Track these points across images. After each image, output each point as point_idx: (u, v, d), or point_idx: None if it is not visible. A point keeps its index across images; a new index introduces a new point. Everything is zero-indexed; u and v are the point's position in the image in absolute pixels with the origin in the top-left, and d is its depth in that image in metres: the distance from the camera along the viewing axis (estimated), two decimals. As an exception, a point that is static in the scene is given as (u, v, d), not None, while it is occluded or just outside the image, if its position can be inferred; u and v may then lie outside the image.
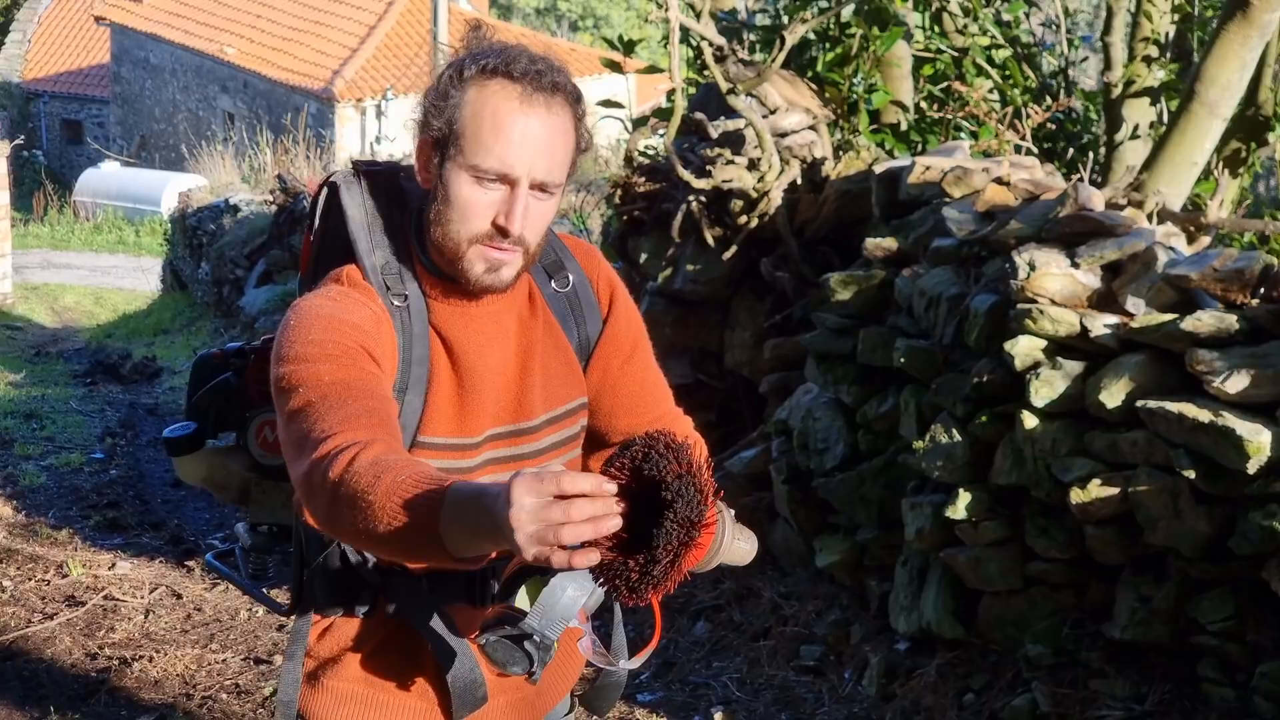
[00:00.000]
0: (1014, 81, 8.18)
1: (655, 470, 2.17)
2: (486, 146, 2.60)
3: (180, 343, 18.23)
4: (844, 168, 7.22)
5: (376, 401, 2.52)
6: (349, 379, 2.52)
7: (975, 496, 5.65)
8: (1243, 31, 6.65)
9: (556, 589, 2.39)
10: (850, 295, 6.52)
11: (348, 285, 2.71)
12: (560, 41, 39.69)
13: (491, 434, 2.79)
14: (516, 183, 2.61)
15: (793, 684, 6.17)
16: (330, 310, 2.63)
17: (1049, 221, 5.68)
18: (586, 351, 2.92)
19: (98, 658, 6.72)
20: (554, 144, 2.64)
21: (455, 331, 2.75)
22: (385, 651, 2.86)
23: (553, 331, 2.86)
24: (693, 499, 2.15)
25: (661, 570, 2.15)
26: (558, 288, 2.89)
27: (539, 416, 2.83)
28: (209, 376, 3.16)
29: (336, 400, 2.48)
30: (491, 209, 2.63)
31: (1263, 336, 4.96)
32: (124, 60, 40.28)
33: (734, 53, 7.52)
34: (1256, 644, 4.94)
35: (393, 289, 2.72)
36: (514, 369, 2.80)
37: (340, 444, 2.38)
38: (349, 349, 2.57)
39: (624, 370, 2.94)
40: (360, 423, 2.44)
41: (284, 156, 22.56)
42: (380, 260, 2.74)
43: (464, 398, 2.75)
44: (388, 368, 2.65)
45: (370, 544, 2.38)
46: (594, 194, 12.46)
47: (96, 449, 11.04)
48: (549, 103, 2.63)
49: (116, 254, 30.30)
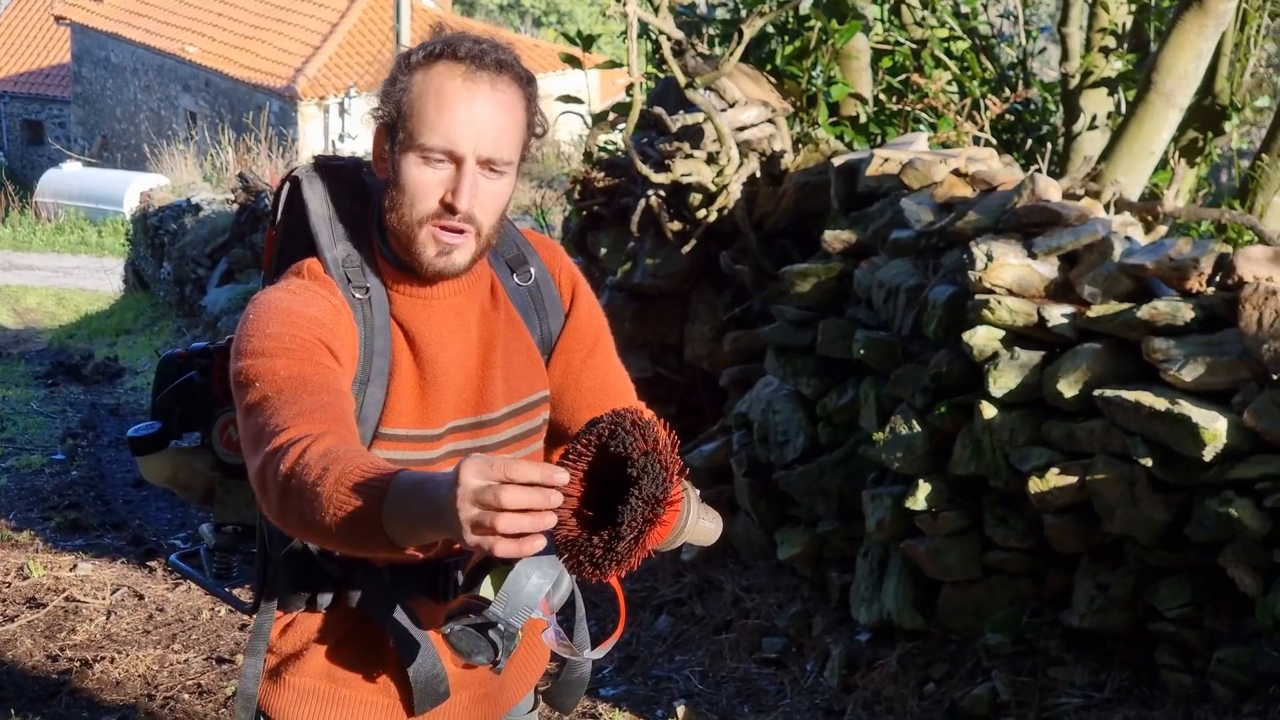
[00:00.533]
0: (972, 73, 8.20)
1: (621, 447, 2.17)
2: (431, 125, 2.61)
3: (142, 343, 18.14)
4: (803, 160, 7.23)
5: (331, 396, 2.52)
6: (305, 374, 2.52)
7: (934, 487, 5.67)
8: (1199, 21, 6.68)
9: (520, 577, 2.39)
10: (809, 287, 6.52)
11: (308, 278, 2.71)
12: (524, 37, 39.62)
13: (453, 426, 2.78)
14: (463, 159, 2.61)
15: (755, 676, 6.18)
16: (289, 303, 2.63)
17: (1006, 212, 5.70)
18: (549, 346, 2.91)
19: (59, 659, 6.68)
20: (500, 120, 2.64)
21: (417, 323, 2.74)
22: (347, 646, 2.85)
23: (515, 324, 2.86)
24: (658, 476, 2.15)
25: (626, 546, 2.15)
26: (520, 281, 2.89)
27: (500, 409, 2.83)
28: (173, 376, 3.15)
29: (292, 395, 2.48)
30: (440, 187, 2.63)
31: (1218, 325, 4.98)
32: (85, 60, 40.07)
33: (693, 47, 7.51)
34: (1213, 630, 4.96)
35: (354, 281, 2.72)
36: (475, 361, 2.80)
37: (293, 437, 2.38)
38: (306, 343, 2.57)
39: (586, 364, 2.94)
40: (314, 417, 2.44)
41: (246, 155, 22.48)
42: (341, 253, 2.74)
43: (425, 389, 2.75)
44: (346, 361, 2.64)
45: (319, 536, 2.36)
46: (556, 189, 12.46)
47: (58, 450, 10.98)
48: (494, 80, 2.64)
49: (79, 255, 30.12)
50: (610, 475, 2.20)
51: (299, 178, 2.82)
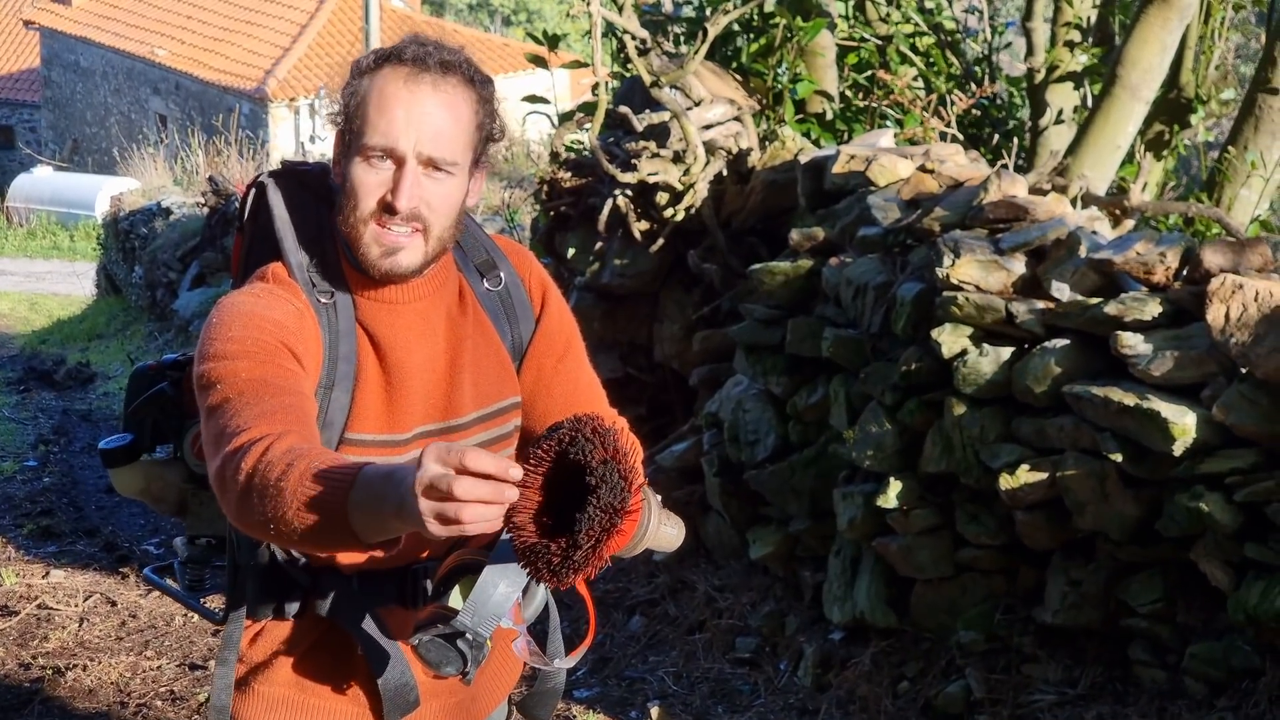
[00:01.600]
0: (938, 69, 8.20)
1: (580, 455, 2.16)
2: (372, 124, 2.62)
3: (115, 347, 18.06)
4: (769, 158, 7.22)
5: (293, 398, 2.51)
6: (266, 376, 2.52)
7: (905, 485, 5.66)
8: (1163, 14, 6.69)
9: (487, 585, 2.38)
10: (778, 286, 6.51)
11: (272, 282, 2.71)
12: (493, 36, 39.59)
13: (420, 431, 2.77)
14: (404, 158, 2.62)
15: (728, 676, 6.17)
16: (251, 307, 2.63)
17: (973, 208, 5.70)
18: (519, 352, 2.91)
19: (31, 667, 6.64)
20: (442, 119, 2.64)
21: (382, 328, 2.74)
22: (316, 655, 2.84)
23: (484, 330, 2.85)
24: (616, 485, 2.14)
25: (583, 555, 2.14)
26: (490, 286, 2.89)
27: (469, 414, 2.82)
28: (145, 388, 3.14)
29: (253, 397, 2.47)
30: (381, 187, 2.63)
31: (1185, 319, 4.98)
32: (54, 64, 39.95)
33: (658, 45, 7.49)
34: (1186, 625, 4.96)
35: (318, 286, 2.72)
36: (443, 366, 2.79)
37: (254, 437, 2.37)
38: (268, 346, 2.56)
39: (557, 370, 2.93)
40: (276, 418, 2.43)
41: (217, 158, 22.39)
42: (306, 258, 2.74)
43: (391, 394, 2.74)
44: (309, 365, 2.64)
45: (281, 533, 2.33)
46: (525, 189, 12.43)
47: (30, 457, 10.94)
48: (437, 81, 2.64)
49: (51, 259, 30.02)
50: (569, 482, 2.18)
51: (264, 183, 2.82)
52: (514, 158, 22.92)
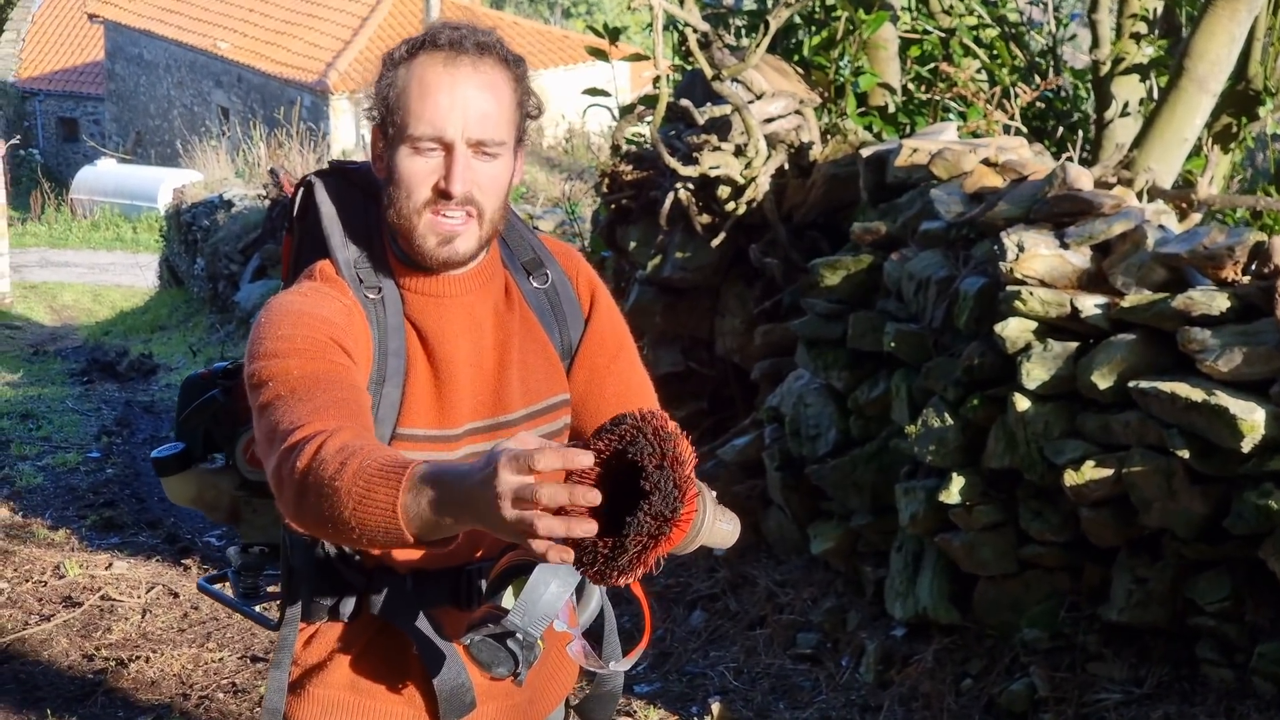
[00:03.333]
0: (1002, 61, 8.13)
1: (638, 456, 2.15)
2: (416, 114, 2.62)
3: (177, 339, 18.21)
4: (831, 152, 7.18)
5: (346, 392, 2.51)
6: (318, 371, 2.52)
7: (968, 480, 5.62)
8: (1231, 6, 6.60)
9: (539, 585, 2.37)
10: (839, 280, 6.47)
11: (320, 280, 2.71)
12: (553, 29, 39.64)
13: (471, 427, 2.77)
14: (452, 144, 2.62)
15: (789, 672, 6.15)
16: (300, 305, 2.64)
17: (1037, 202, 5.65)
18: (569, 352, 2.90)
19: (94, 659, 6.69)
20: (485, 101, 2.64)
21: (429, 322, 2.74)
22: (370, 657, 2.83)
23: (531, 327, 2.84)
24: (670, 494, 2.13)
25: (628, 559, 2.14)
26: (537, 284, 2.88)
27: (518, 410, 2.81)
28: (196, 396, 3.15)
29: (305, 393, 2.48)
30: (433, 175, 2.63)
31: (1254, 314, 4.92)
32: (118, 57, 40.22)
33: (719, 38, 7.47)
34: (1254, 624, 4.91)
35: (366, 282, 2.72)
36: (491, 362, 2.79)
37: (308, 434, 2.38)
38: (318, 342, 2.57)
39: (610, 369, 2.92)
40: (329, 413, 2.44)
41: (278, 150, 22.53)
42: (353, 254, 2.74)
43: (441, 389, 2.74)
44: (360, 360, 2.64)
45: (337, 530, 2.34)
46: (586, 181, 12.44)
47: (93, 448, 11.01)
48: (475, 62, 2.64)
49: (114, 251, 30.27)
50: (626, 479, 2.18)
51: (312, 182, 2.83)
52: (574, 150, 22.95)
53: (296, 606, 2.84)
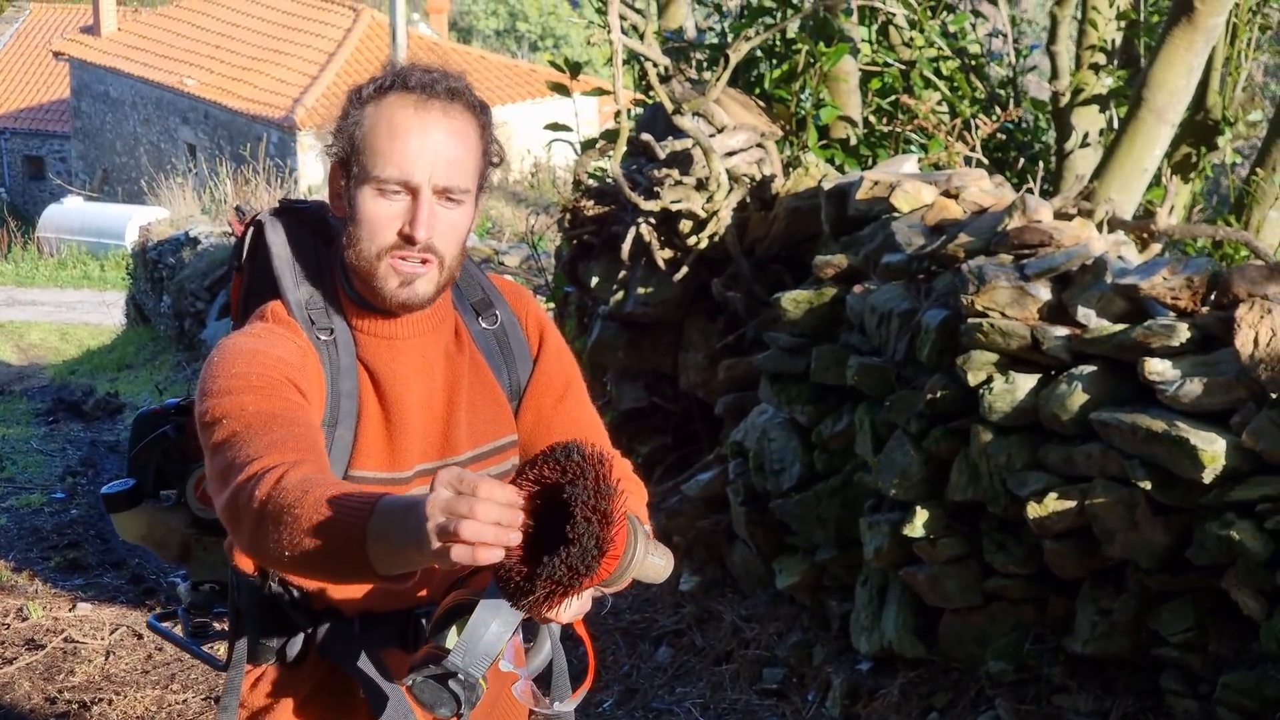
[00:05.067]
0: (962, 93, 8.16)
1: (572, 501, 2.16)
2: (385, 155, 2.60)
3: (144, 377, 18.12)
4: (793, 185, 7.18)
5: (302, 428, 2.50)
6: (273, 409, 2.50)
7: (932, 514, 5.61)
8: (1188, 36, 6.63)
9: (479, 625, 2.35)
10: (802, 314, 6.47)
11: (272, 321, 2.70)
12: (520, 63, 39.70)
13: (420, 469, 2.76)
14: (418, 189, 2.60)
15: (756, 707, 6.12)
16: (253, 345, 2.62)
17: (998, 234, 5.65)
18: (517, 392, 2.89)
19: (57, 702, 6.64)
20: (454, 148, 2.63)
21: (381, 364, 2.72)
22: (318, 699, 2.82)
23: (479, 369, 2.83)
24: (589, 550, 2.15)
25: (535, 597, 2.17)
26: (486, 325, 2.87)
27: (465, 452, 2.80)
28: (148, 432, 3.13)
29: (261, 428, 2.46)
30: (398, 219, 2.62)
31: (1214, 344, 4.92)
32: (84, 95, 40.18)
33: (680, 72, 7.48)
34: (1218, 655, 4.90)
35: (318, 323, 2.71)
36: (440, 403, 2.78)
37: (267, 465, 2.36)
38: (273, 380, 2.55)
39: (557, 410, 2.91)
40: (287, 446, 2.42)
41: (245, 187, 22.50)
42: (305, 295, 2.73)
43: (392, 432, 2.73)
44: (314, 400, 2.63)
45: (297, 562, 2.31)
46: (551, 215, 12.42)
47: (57, 489, 10.95)
48: (445, 108, 2.63)
49: (81, 289, 30.16)
50: (556, 507, 2.19)
51: (263, 221, 2.81)
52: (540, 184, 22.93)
53: (242, 647, 2.82)
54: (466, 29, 50.01)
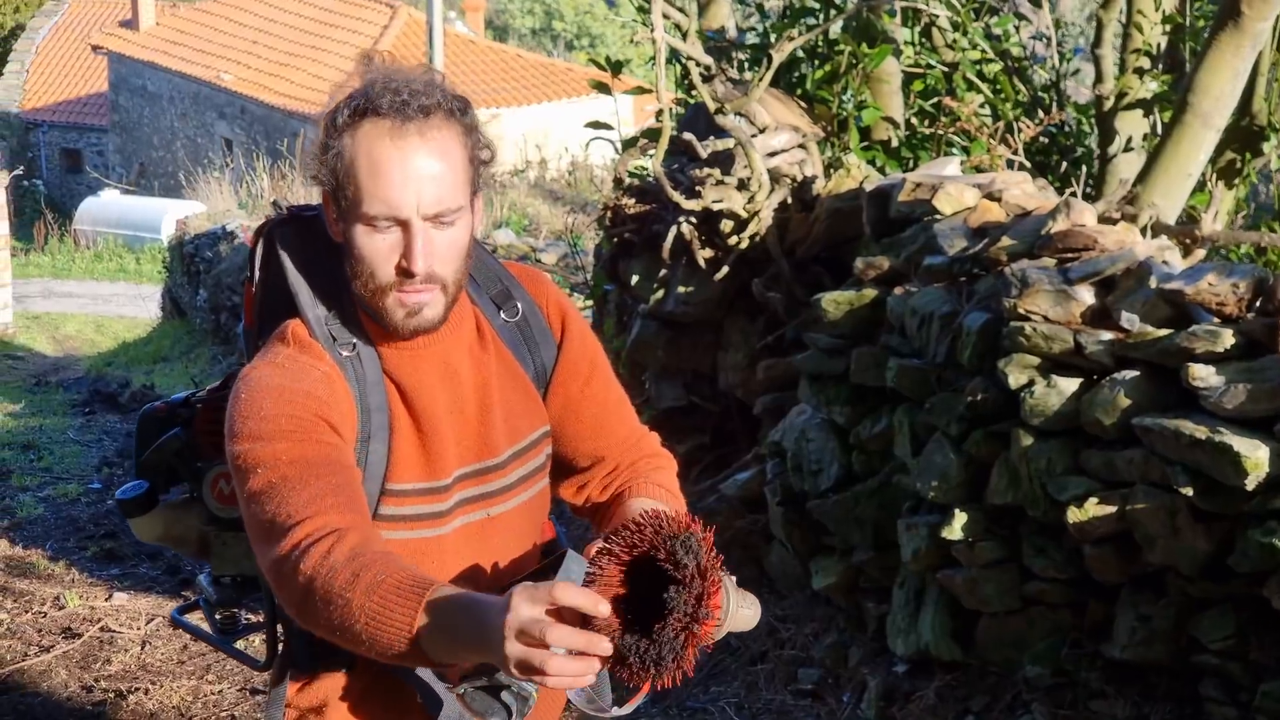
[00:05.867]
0: (1005, 95, 8.13)
1: (670, 596, 2.20)
2: (369, 192, 2.55)
3: (179, 370, 18.20)
4: (834, 186, 7.17)
5: (340, 476, 2.50)
6: (309, 456, 2.49)
7: (971, 517, 5.60)
8: (1235, 41, 6.60)
9: None
10: (842, 315, 6.46)
11: (294, 347, 2.66)
12: (556, 62, 39.74)
13: (460, 474, 2.74)
14: (408, 222, 2.57)
15: (791, 708, 6.12)
16: (280, 380, 2.59)
17: (1040, 238, 5.64)
18: (544, 379, 2.87)
19: (93, 690, 6.67)
20: (437, 170, 2.58)
21: (404, 375, 2.71)
22: (368, 703, 2.80)
23: (507, 363, 2.82)
24: (678, 645, 2.18)
25: (639, 675, 2.21)
26: (507, 317, 2.84)
27: (504, 452, 2.79)
28: (156, 433, 3.11)
29: (298, 480, 2.46)
30: (393, 253, 2.58)
31: (1259, 351, 4.90)
32: (122, 88, 40.35)
33: (722, 71, 7.48)
34: (1258, 663, 4.88)
35: (339, 339, 2.68)
36: (472, 407, 2.76)
37: (310, 533, 2.37)
38: (305, 421, 2.54)
39: (584, 393, 2.90)
40: (327, 503, 2.42)
41: (281, 182, 22.57)
42: (323, 311, 2.69)
43: (425, 441, 2.71)
44: (347, 431, 2.61)
45: (344, 640, 2.35)
46: (589, 215, 12.44)
47: (94, 479, 11.00)
48: (422, 129, 2.58)
49: (117, 282, 30.30)
50: (646, 572, 2.23)
51: (273, 232, 2.77)
52: (577, 182, 22.93)
53: (287, 655, 2.82)
54: (502, 27, 50.09)
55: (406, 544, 2.67)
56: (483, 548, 2.71)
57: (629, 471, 2.95)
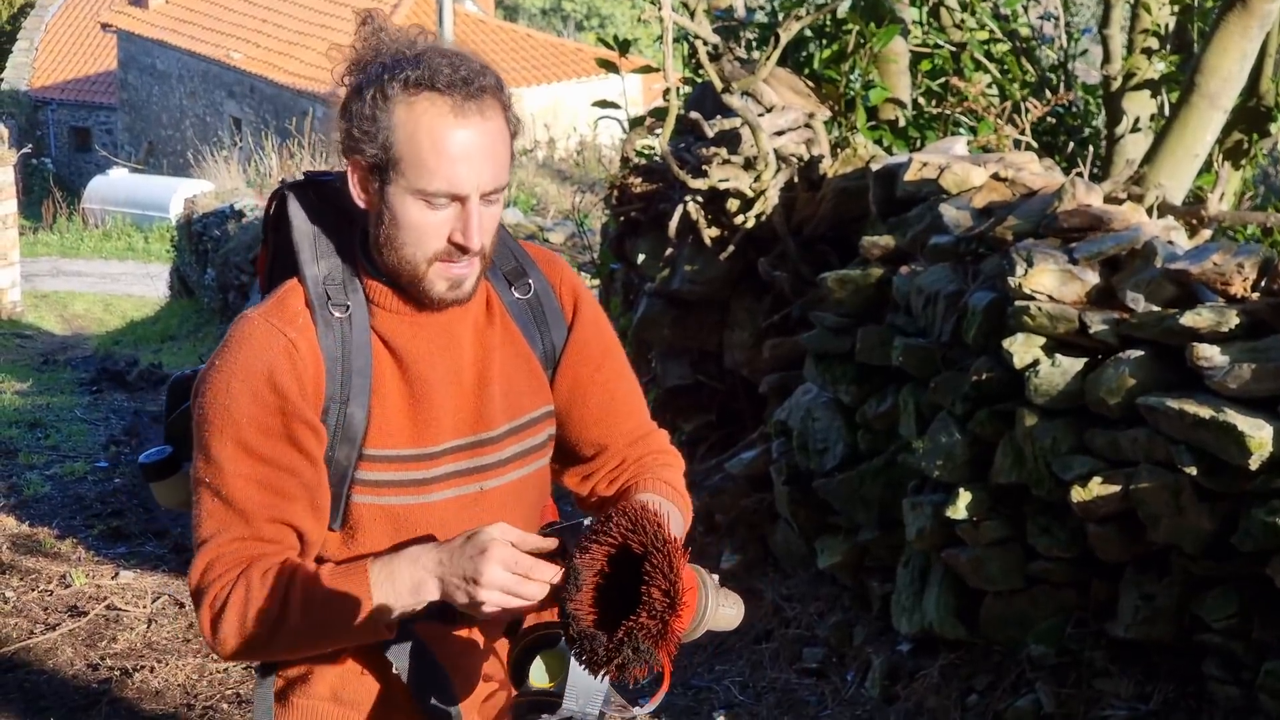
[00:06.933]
0: (1013, 76, 8.13)
1: (645, 591, 2.25)
2: (430, 169, 2.56)
3: (187, 349, 18.21)
4: (841, 165, 7.17)
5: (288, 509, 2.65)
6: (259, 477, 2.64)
7: (975, 496, 5.61)
8: (1242, 22, 6.59)
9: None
10: (848, 294, 6.46)
11: (265, 312, 2.70)
12: (566, 41, 39.68)
13: (452, 445, 2.75)
14: (467, 199, 2.58)
15: (795, 687, 6.13)
16: (243, 373, 2.65)
17: (1047, 217, 5.64)
18: (553, 360, 2.87)
19: (99, 668, 6.68)
20: (494, 150, 2.60)
21: (402, 340, 2.71)
22: (352, 668, 2.82)
23: (513, 339, 2.82)
24: (646, 648, 2.25)
25: (612, 668, 2.29)
26: (519, 295, 2.85)
27: (500, 426, 2.79)
28: (183, 398, 3.13)
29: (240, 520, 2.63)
30: (445, 227, 2.60)
31: (1263, 330, 4.90)
32: (131, 67, 40.30)
33: (729, 51, 7.47)
34: (1261, 641, 4.89)
35: (334, 299, 2.69)
36: (470, 378, 2.76)
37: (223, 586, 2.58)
38: (264, 427, 2.65)
39: (594, 379, 2.89)
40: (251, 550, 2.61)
41: (290, 161, 22.56)
42: (323, 270, 2.70)
43: (415, 408, 2.72)
44: (308, 401, 2.66)
45: (291, 640, 2.62)
46: (596, 194, 12.43)
47: (101, 458, 10.99)
48: (482, 109, 2.59)
49: (126, 261, 30.28)
50: (627, 567, 2.27)
51: (285, 194, 2.79)
52: (585, 162, 22.92)
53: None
54: (512, 6, 50.00)
55: (386, 510, 2.71)
56: (472, 520, 2.71)
57: (636, 466, 2.94)
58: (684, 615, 2.20)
